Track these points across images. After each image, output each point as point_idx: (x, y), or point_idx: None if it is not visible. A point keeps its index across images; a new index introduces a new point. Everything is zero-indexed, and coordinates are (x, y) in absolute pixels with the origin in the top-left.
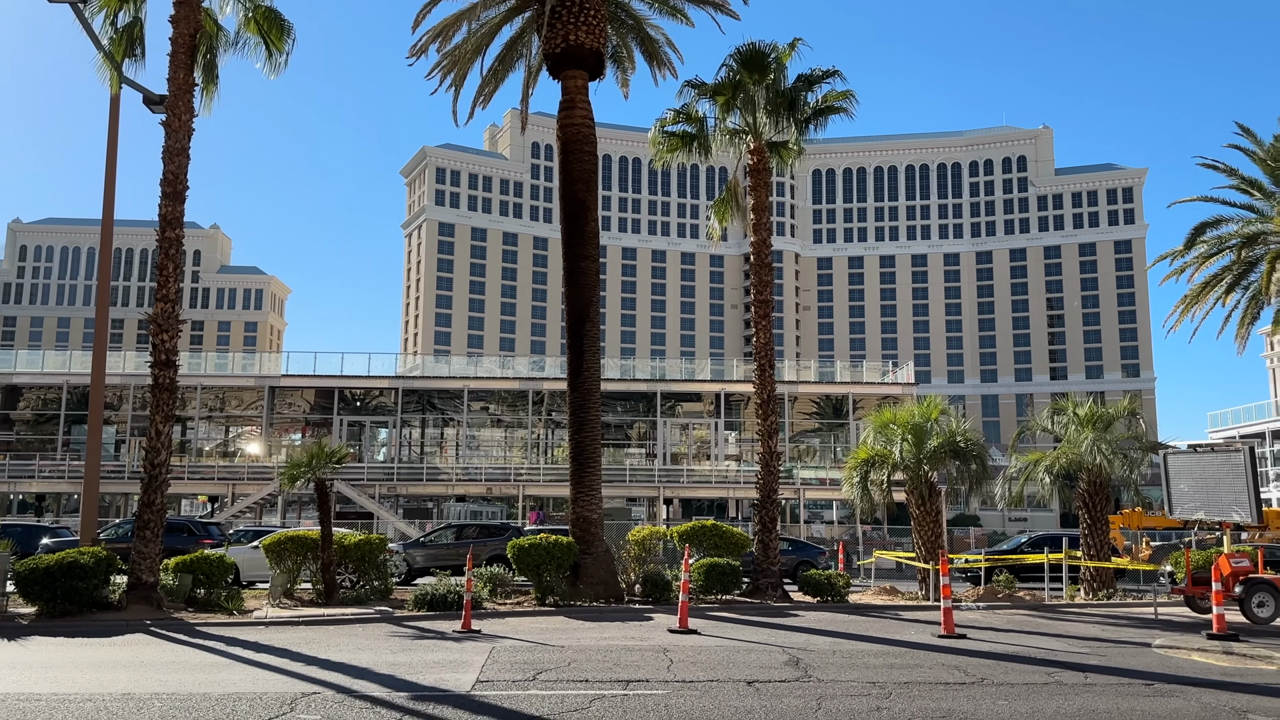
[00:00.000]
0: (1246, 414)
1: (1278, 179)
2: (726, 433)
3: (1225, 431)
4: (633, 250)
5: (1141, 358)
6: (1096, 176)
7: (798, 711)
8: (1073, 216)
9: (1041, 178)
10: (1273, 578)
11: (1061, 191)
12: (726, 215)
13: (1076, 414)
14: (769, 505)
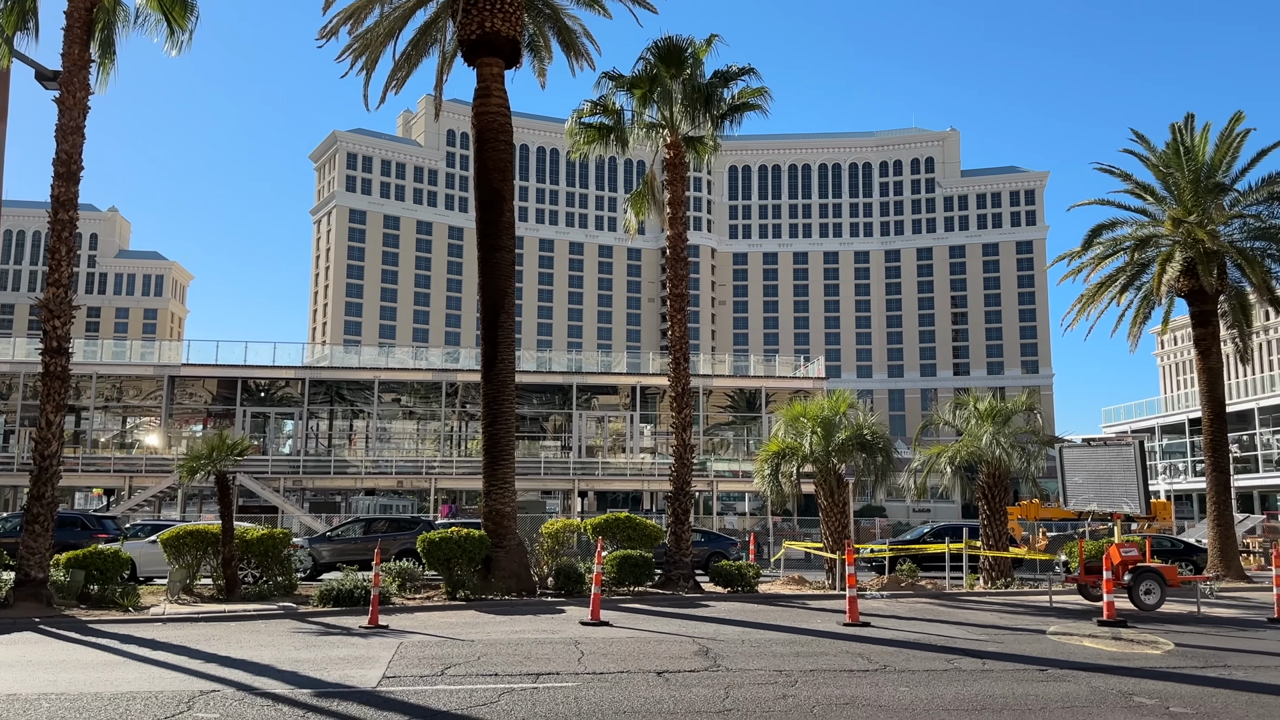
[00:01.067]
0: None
1: (1169, 184)
2: (642, 425)
3: (1118, 426)
4: (550, 242)
5: (1040, 355)
6: (1000, 179)
7: (706, 701)
8: (977, 217)
9: (948, 179)
10: (1159, 566)
11: (967, 193)
12: (643, 209)
13: (977, 408)
14: (682, 497)
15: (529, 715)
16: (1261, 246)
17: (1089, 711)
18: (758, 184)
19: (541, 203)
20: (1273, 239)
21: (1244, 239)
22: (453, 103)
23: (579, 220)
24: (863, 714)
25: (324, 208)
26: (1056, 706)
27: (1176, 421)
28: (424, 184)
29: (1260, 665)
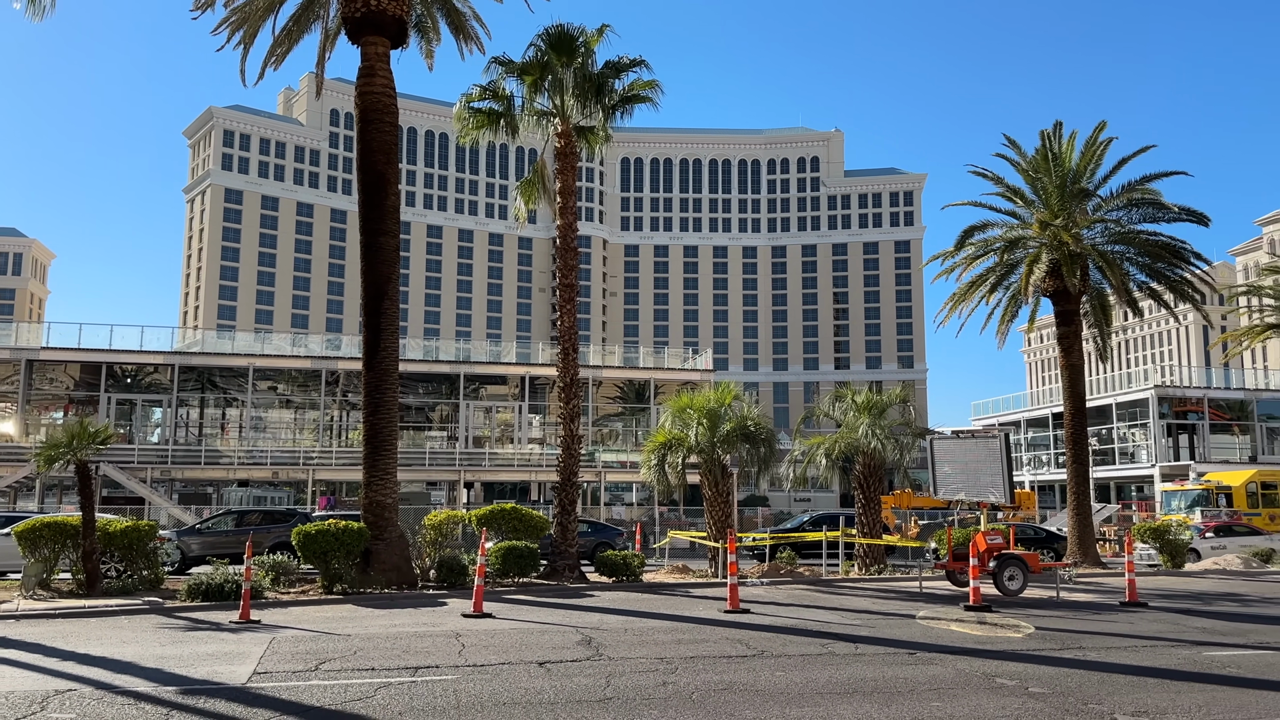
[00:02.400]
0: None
1: (1038, 189)
2: (531, 416)
3: (986, 420)
4: (438, 228)
5: (916, 350)
6: (881, 179)
7: (587, 690)
8: (859, 216)
9: (832, 178)
10: (1022, 553)
11: (850, 192)
12: (533, 197)
13: (855, 401)
14: (569, 488)
15: (406, 709)
16: (1121, 250)
17: (954, 693)
18: (649, 177)
19: (430, 188)
20: (1131, 243)
21: (1105, 242)
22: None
23: (469, 207)
24: (740, 699)
25: (198, 186)
26: (924, 689)
27: (1041, 415)
28: (305, 164)
29: (1112, 646)
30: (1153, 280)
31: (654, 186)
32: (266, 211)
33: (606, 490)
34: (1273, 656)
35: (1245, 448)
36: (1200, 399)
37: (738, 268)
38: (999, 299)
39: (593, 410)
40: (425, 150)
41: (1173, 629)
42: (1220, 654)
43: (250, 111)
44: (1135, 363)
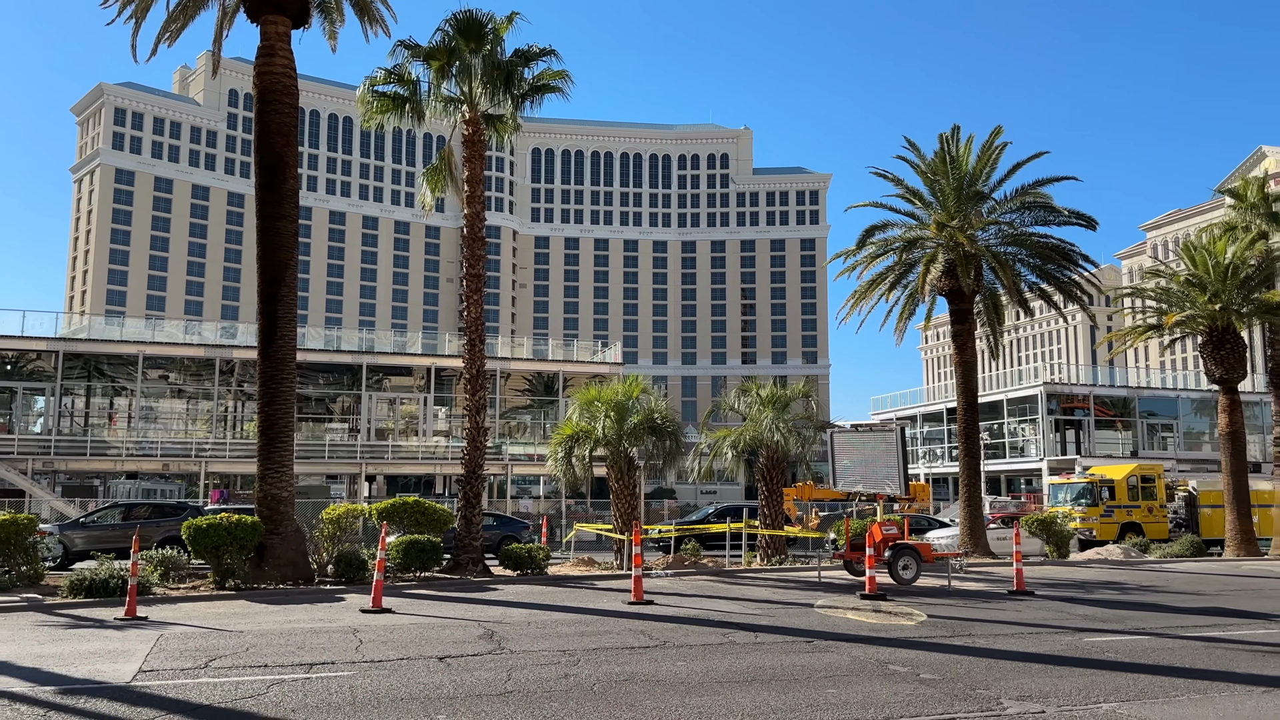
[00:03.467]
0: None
1: (936, 190)
2: (437, 408)
3: (885, 414)
4: (342, 215)
5: (820, 346)
6: (788, 178)
7: (488, 684)
8: (767, 214)
9: (741, 176)
10: (916, 543)
11: (758, 190)
12: (440, 185)
13: (759, 395)
14: (474, 481)
15: (300, 706)
16: (1013, 252)
17: (849, 680)
18: (561, 168)
19: (333, 173)
20: (1023, 245)
21: (999, 244)
22: (236, 61)
23: (374, 193)
24: (641, 689)
25: (86, 165)
26: (820, 676)
27: (936, 410)
28: (201, 145)
29: (999, 634)
30: (1043, 281)
31: (565, 178)
32: (160, 194)
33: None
34: (1147, 641)
35: (1128, 443)
36: (1086, 396)
37: (648, 262)
38: (898, 297)
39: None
40: (328, 134)
41: (1057, 616)
42: (1100, 640)
43: (144, 89)
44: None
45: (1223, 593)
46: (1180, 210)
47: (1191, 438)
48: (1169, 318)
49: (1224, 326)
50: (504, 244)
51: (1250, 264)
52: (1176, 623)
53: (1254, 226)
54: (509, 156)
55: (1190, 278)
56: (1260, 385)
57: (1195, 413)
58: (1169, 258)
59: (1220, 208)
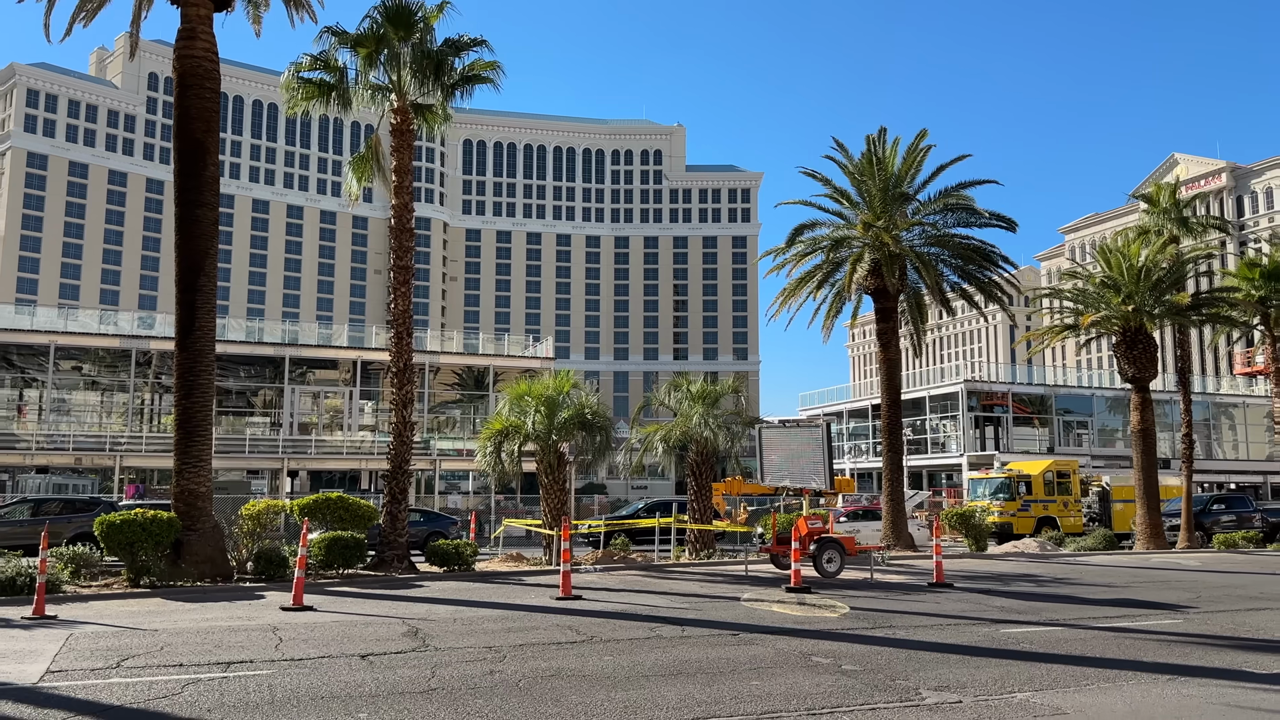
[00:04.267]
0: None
1: (863, 191)
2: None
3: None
4: (265, 203)
5: (750, 342)
6: (721, 176)
7: (411, 681)
8: (699, 211)
9: (674, 172)
10: (840, 537)
11: (691, 187)
12: (367, 175)
13: (690, 391)
14: (400, 476)
15: (216, 706)
16: (936, 252)
17: (773, 672)
18: (493, 160)
19: (257, 160)
20: (946, 246)
21: (923, 244)
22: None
23: (299, 182)
24: (568, 684)
25: None
26: (745, 668)
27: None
28: (119, 130)
29: (918, 625)
30: (965, 281)
31: (497, 171)
32: (75, 179)
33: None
34: (1061, 632)
35: (1044, 439)
36: (1005, 393)
37: (581, 256)
38: (825, 295)
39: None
40: (252, 121)
41: (975, 608)
42: (1016, 631)
43: (59, 71)
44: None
45: (1132, 585)
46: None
47: (1105, 435)
48: (1085, 318)
49: (1136, 327)
50: (434, 236)
51: (1162, 267)
52: (1089, 614)
53: (1165, 231)
54: (439, 147)
55: (1105, 280)
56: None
57: (1109, 410)
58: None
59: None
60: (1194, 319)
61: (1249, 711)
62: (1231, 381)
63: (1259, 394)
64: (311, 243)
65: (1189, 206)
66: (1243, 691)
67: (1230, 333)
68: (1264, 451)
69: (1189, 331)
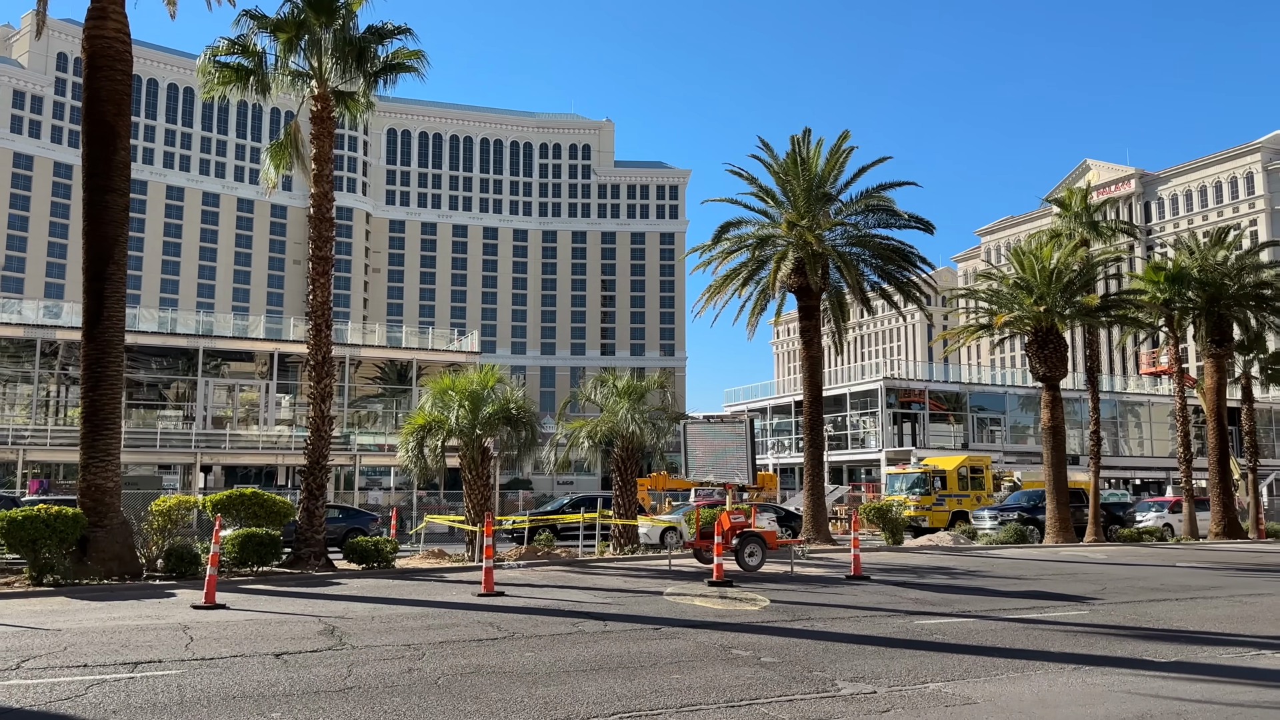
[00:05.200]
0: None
1: (787, 190)
2: (280, 395)
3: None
4: (180, 190)
5: (677, 338)
6: (649, 172)
7: (327, 680)
8: (627, 207)
9: (603, 167)
10: (762, 531)
11: (619, 182)
12: (285, 162)
13: (616, 386)
14: (317, 472)
15: (122, 707)
16: (857, 252)
17: (693, 665)
18: (418, 151)
19: (172, 145)
20: (867, 246)
21: (845, 244)
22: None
23: (216, 169)
24: (488, 681)
25: None
26: (666, 662)
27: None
28: (26, 111)
29: (836, 617)
30: (884, 281)
31: (423, 161)
32: None
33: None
34: (972, 624)
35: (959, 435)
36: (922, 391)
37: (508, 250)
38: (750, 293)
39: (350, 391)
40: (167, 105)
41: (890, 600)
42: (929, 622)
43: None
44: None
45: (1041, 577)
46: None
47: (1017, 431)
48: (998, 318)
49: (1048, 327)
50: (356, 226)
51: (1073, 269)
52: (999, 606)
53: (1077, 234)
54: (363, 136)
55: (1019, 281)
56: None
57: (1021, 408)
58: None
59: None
60: (1103, 320)
61: (1148, 699)
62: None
63: (1163, 393)
64: (228, 231)
65: (1099, 211)
66: (1143, 679)
67: (1137, 334)
68: (1168, 448)
69: (1098, 332)
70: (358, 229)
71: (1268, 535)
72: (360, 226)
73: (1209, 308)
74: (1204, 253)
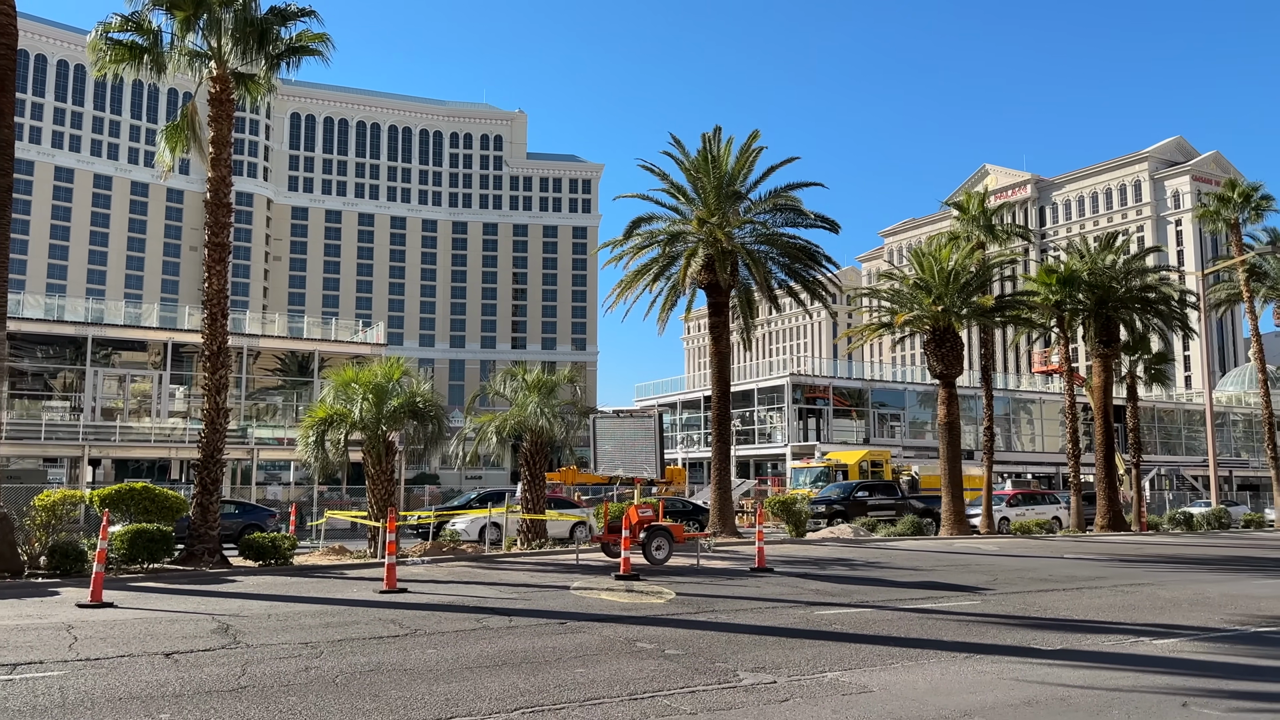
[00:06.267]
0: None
1: (698, 187)
2: (174, 387)
3: (648, 401)
4: (69, 171)
5: (589, 333)
6: (562, 165)
7: (219, 680)
8: (539, 200)
9: (515, 159)
10: (669, 525)
11: (532, 175)
12: (181, 145)
13: (525, 380)
14: (212, 466)
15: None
16: (766, 250)
17: (598, 659)
18: (323, 137)
19: (61, 124)
20: (774, 244)
21: (754, 242)
22: None
23: (108, 149)
24: (388, 679)
25: None
26: (570, 656)
27: (695, 398)
28: None
29: (740, 609)
30: (791, 279)
31: (328, 147)
32: None
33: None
34: (870, 614)
35: (861, 430)
36: (827, 387)
37: (417, 240)
38: (661, 288)
39: (248, 382)
40: (56, 82)
41: (792, 591)
42: (829, 612)
43: None
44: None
45: (937, 568)
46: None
47: (916, 427)
48: (899, 317)
49: (945, 326)
50: (257, 213)
51: (970, 271)
52: (896, 596)
53: (974, 237)
54: (265, 120)
55: (918, 281)
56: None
57: (920, 404)
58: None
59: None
60: (997, 320)
61: (1034, 685)
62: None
63: (1054, 391)
64: (121, 215)
65: (996, 215)
66: (1030, 667)
67: (1030, 333)
68: (1058, 444)
69: (993, 331)
70: (258, 215)
71: (1149, 528)
72: (261, 213)
73: (1098, 309)
74: (1094, 257)
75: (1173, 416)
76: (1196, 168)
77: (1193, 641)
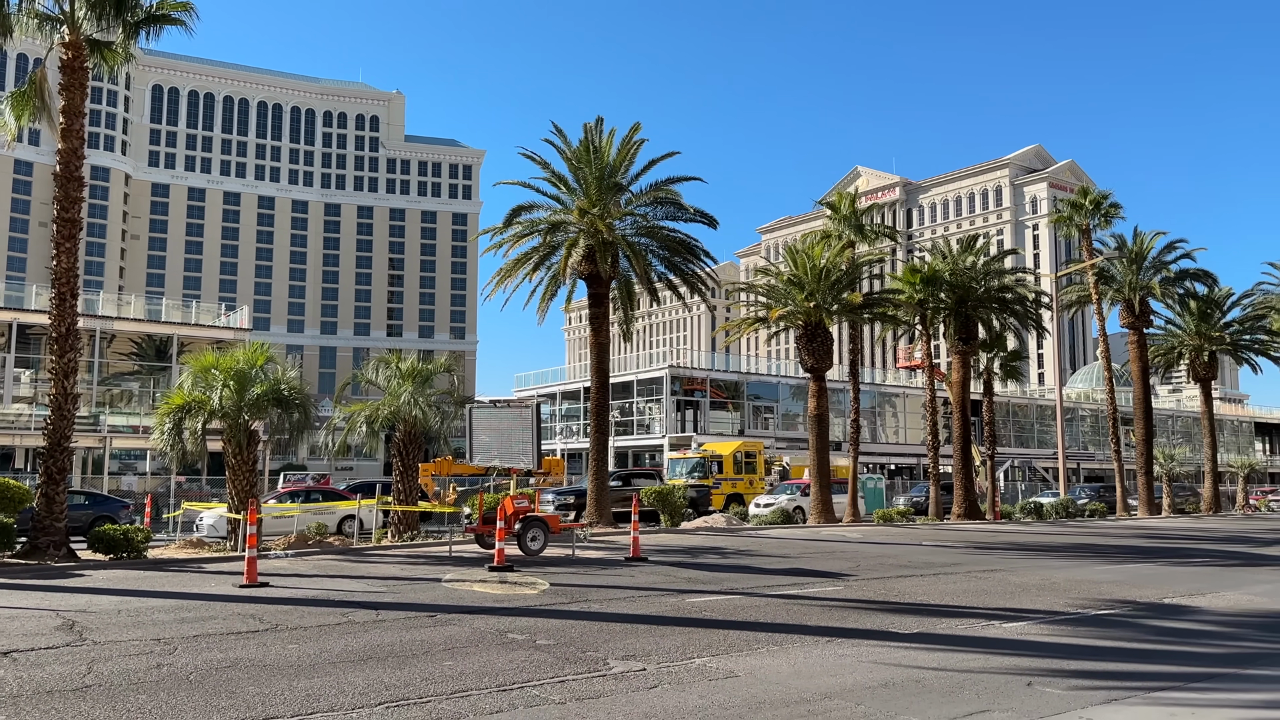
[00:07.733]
0: (546, 376)
1: (580, 178)
2: (19, 370)
3: (528, 391)
4: None
5: (468, 321)
6: (442, 150)
7: (63, 679)
8: (418, 184)
9: (392, 141)
10: (545, 515)
11: (410, 158)
12: (29, 114)
13: (399, 368)
14: (59, 454)
15: None
16: (646, 243)
17: (468, 651)
18: (186, 110)
19: None
20: (655, 237)
21: (634, 235)
22: None
23: None
24: (245, 675)
25: None
26: (439, 649)
27: (575, 389)
28: None
29: (613, 598)
30: (671, 272)
31: (192, 122)
32: None
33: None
34: (739, 600)
35: (736, 422)
36: (704, 379)
37: (286, 221)
38: (541, 278)
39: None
40: None
41: (665, 580)
42: (700, 600)
43: None
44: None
45: (804, 555)
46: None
47: (788, 419)
48: (774, 312)
49: (816, 322)
50: (114, 188)
51: (840, 269)
52: (764, 583)
53: (845, 236)
54: (124, 91)
55: (792, 278)
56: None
57: (792, 397)
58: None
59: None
60: (865, 316)
61: (891, 668)
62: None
63: (917, 386)
64: None
65: (866, 215)
66: (888, 650)
67: (895, 330)
68: (920, 436)
69: (861, 327)
70: (115, 191)
71: (1002, 516)
72: (119, 188)
73: (958, 308)
74: (955, 258)
75: (1026, 411)
76: (1053, 175)
77: (1039, 625)
